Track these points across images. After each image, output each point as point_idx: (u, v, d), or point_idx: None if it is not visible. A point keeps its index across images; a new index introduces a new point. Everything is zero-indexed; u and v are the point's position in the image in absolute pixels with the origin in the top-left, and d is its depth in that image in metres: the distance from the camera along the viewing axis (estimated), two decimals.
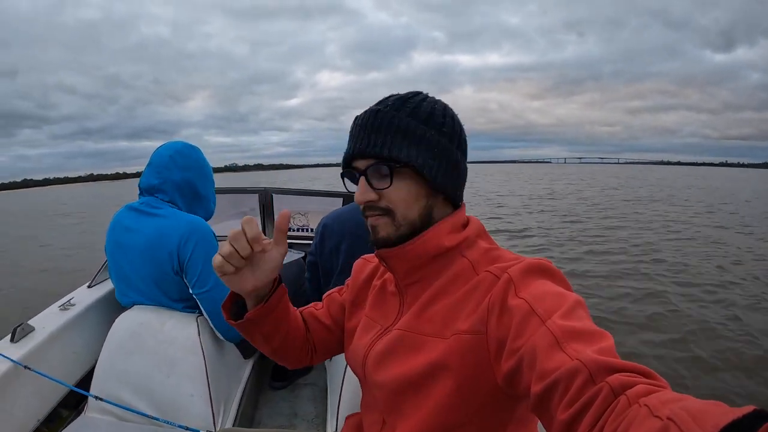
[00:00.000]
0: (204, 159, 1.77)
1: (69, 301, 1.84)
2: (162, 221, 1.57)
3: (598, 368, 0.50)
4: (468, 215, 0.87)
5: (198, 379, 1.50)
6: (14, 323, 1.55)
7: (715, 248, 9.01)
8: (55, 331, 1.63)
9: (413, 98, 0.80)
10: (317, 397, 2.31)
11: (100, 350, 1.57)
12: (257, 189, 3.11)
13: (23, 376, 1.40)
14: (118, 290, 1.69)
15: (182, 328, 1.56)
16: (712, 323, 4.75)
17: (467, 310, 0.74)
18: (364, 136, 0.78)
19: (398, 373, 0.79)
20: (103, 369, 1.52)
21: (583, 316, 0.62)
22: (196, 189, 1.72)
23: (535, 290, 0.67)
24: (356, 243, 1.72)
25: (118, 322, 1.57)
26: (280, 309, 0.89)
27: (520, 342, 0.62)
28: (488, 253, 0.80)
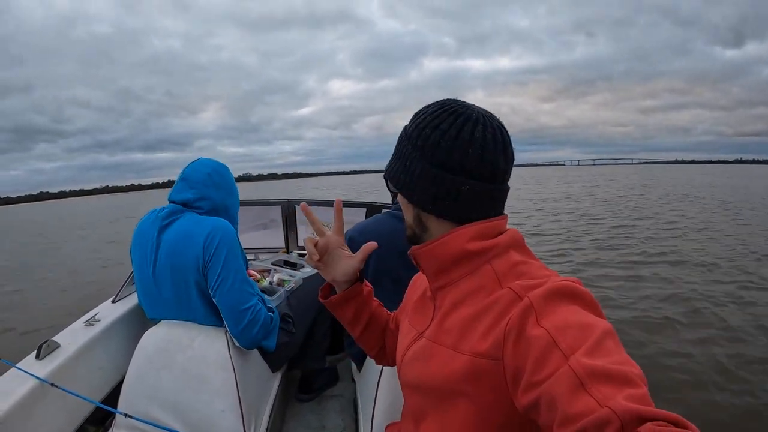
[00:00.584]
0: (233, 180, 1.80)
1: (94, 316, 1.81)
2: (188, 224, 1.58)
3: (630, 418, 0.48)
4: (509, 227, 0.84)
5: (229, 394, 1.46)
6: (40, 339, 1.52)
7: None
8: (81, 347, 1.60)
9: (426, 116, 0.82)
10: (345, 409, 2.27)
11: (126, 366, 1.54)
12: (280, 201, 3.11)
13: (50, 393, 1.37)
14: (145, 304, 1.66)
15: (212, 343, 1.53)
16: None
17: (484, 327, 0.72)
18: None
19: (420, 377, 0.82)
20: (131, 385, 1.49)
21: (612, 349, 0.58)
22: (228, 209, 1.73)
23: (559, 319, 0.63)
24: (383, 255, 1.65)
25: (146, 337, 1.54)
26: (358, 301, 1.05)
27: (539, 377, 0.59)
28: (517, 266, 0.77)
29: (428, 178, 0.80)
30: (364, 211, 3.04)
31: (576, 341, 0.58)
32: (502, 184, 0.82)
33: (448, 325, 0.79)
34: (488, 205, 0.81)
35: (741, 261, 7.45)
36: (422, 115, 0.82)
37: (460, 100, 0.84)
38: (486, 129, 0.79)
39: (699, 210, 15.23)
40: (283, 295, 2.13)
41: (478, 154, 0.78)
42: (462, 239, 0.80)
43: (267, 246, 3.16)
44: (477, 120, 0.79)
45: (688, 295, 5.62)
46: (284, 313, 2.00)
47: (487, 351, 0.69)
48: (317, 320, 2.24)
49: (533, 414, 0.61)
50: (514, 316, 0.66)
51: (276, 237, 3.17)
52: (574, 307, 0.65)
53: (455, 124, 0.78)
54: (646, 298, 5.55)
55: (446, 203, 0.80)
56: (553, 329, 0.61)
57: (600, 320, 0.63)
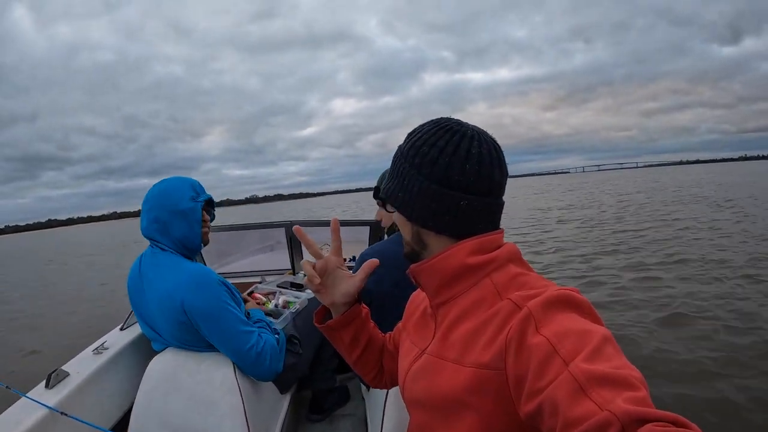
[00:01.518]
0: (171, 192, 1.68)
1: (102, 344, 1.82)
2: (165, 280, 1.57)
3: (629, 419, 0.48)
4: (506, 241, 0.85)
5: (237, 418, 1.47)
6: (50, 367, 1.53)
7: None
8: (90, 375, 1.61)
9: (422, 134, 0.83)
10: (356, 428, 2.25)
11: (135, 393, 1.55)
12: (283, 223, 3.13)
13: (60, 422, 1.38)
14: (149, 335, 1.69)
15: (218, 367, 1.54)
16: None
17: (485, 339, 0.73)
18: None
19: (424, 397, 0.82)
20: (140, 411, 1.50)
21: (612, 354, 0.59)
22: (167, 226, 1.65)
23: (558, 327, 0.63)
24: (405, 280, 1.62)
25: (154, 363, 1.55)
26: (356, 324, 1.04)
27: (541, 384, 0.60)
28: (516, 278, 0.78)
29: (427, 194, 0.81)
30: (368, 229, 3.05)
31: (575, 347, 0.59)
32: (497, 198, 0.84)
33: (452, 340, 0.80)
34: (486, 219, 0.83)
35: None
36: (418, 133, 0.84)
37: (454, 118, 0.86)
38: (482, 145, 0.81)
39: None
40: (288, 317, 2.14)
41: (475, 169, 0.79)
42: (462, 254, 0.81)
43: (273, 268, 3.17)
44: (472, 136, 0.81)
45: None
46: (290, 335, 2.00)
47: (490, 362, 0.70)
48: (325, 340, 2.23)
49: (537, 422, 0.61)
50: (514, 326, 0.67)
51: (282, 259, 3.18)
52: (573, 315, 0.66)
53: (452, 141, 0.80)
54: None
55: (446, 219, 0.81)
56: (552, 336, 0.62)
57: (599, 327, 0.64)
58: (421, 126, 0.86)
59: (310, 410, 2.34)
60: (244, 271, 3.11)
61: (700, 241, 9.37)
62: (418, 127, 0.86)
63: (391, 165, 0.89)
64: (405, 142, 0.86)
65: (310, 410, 2.34)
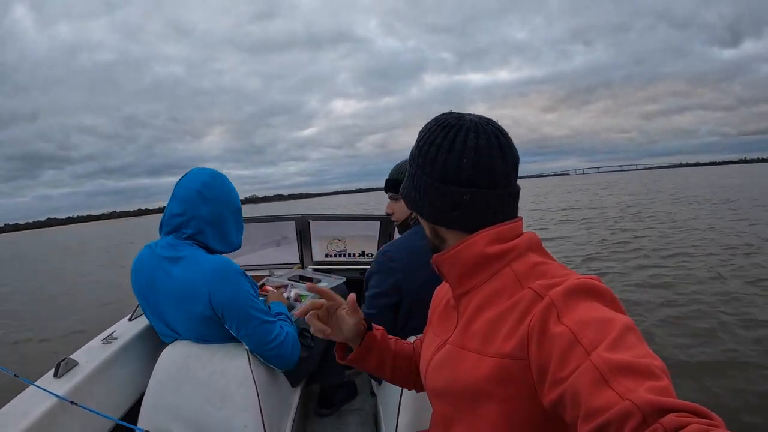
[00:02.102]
0: (231, 189, 1.70)
1: (111, 334, 1.78)
2: (187, 271, 1.50)
3: (651, 409, 0.49)
4: (526, 230, 0.86)
5: (251, 410, 1.43)
6: (57, 358, 1.50)
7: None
8: (99, 365, 1.57)
9: (424, 133, 0.86)
10: (365, 422, 2.23)
11: (145, 383, 1.51)
12: (294, 216, 3.09)
13: (69, 411, 1.34)
14: (159, 330, 1.64)
15: (232, 359, 1.50)
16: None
17: (507, 328, 0.72)
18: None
19: (446, 385, 0.82)
20: (152, 402, 1.46)
21: (633, 343, 0.59)
22: (223, 220, 1.64)
23: (580, 316, 0.63)
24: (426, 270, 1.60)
25: (166, 354, 1.51)
26: (376, 348, 1.05)
27: (563, 374, 0.60)
28: (536, 267, 0.78)
29: (431, 192, 0.83)
30: (378, 224, 3.02)
31: (597, 336, 0.59)
32: (505, 188, 0.83)
33: (473, 330, 0.80)
34: (498, 209, 0.83)
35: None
36: (422, 132, 0.86)
37: (455, 113, 0.86)
38: (479, 136, 0.80)
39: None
40: None
41: (472, 162, 0.79)
42: (480, 244, 0.81)
43: (281, 262, 3.14)
44: (468, 129, 0.81)
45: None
46: (302, 328, 1.97)
47: (512, 351, 0.69)
48: None
49: (560, 411, 0.61)
50: (536, 315, 0.67)
51: (290, 253, 3.15)
52: (595, 304, 0.66)
53: (447, 137, 0.81)
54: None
55: (453, 214, 0.82)
56: (574, 326, 0.62)
57: (621, 315, 0.64)
58: (426, 124, 0.87)
59: (318, 405, 2.31)
60: (252, 264, 3.08)
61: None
62: (424, 125, 0.88)
63: (408, 166, 0.91)
64: (415, 141, 0.88)
65: (318, 405, 2.31)
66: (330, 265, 3.12)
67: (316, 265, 3.13)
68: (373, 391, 2.39)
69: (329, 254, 3.18)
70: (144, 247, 1.64)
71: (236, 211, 1.70)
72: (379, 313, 1.64)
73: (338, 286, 2.48)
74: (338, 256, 3.18)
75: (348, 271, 2.92)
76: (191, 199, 1.57)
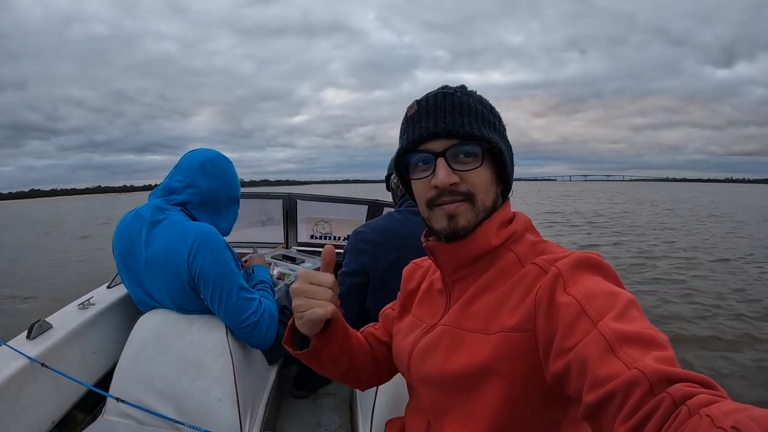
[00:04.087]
0: (234, 173, 1.68)
1: (88, 300, 1.75)
2: (168, 233, 1.47)
3: (658, 378, 0.48)
4: (514, 210, 0.84)
5: (226, 383, 1.41)
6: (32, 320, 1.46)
7: None
8: (74, 329, 1.54)
9: (469, 90, 0.80)
10: (340, 407, 2.22)
11: (119, 352, 1.48)
12: (281, 194, 3.05)
13: (40, 374, 1.32)
14: (136, 298, 1.60)
15: (210, 330, 1.48)
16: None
17: (512, 303, 0.71)
18: (442, 116, 0.74)
19: (441, 369, 0.77)
20: (125, 370, 1.44)
21: (637, 316, 0.59)
22: (218, 200, 1.62)
23: (586, 287, 0.63)
24: (407, 252, 1.61)
25: (142, 322, 1.49)
26: (339, 335, 0.88)
27: (569, 343, 0.59)
28: (535, 246, 0.78)
29: (508, 144, 0.83)
30: (366, 208, 3.00)
31: (604, 307, 0.59)
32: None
33: (473, 311, 0.77)
34: (510, 183, 0.84)
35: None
36: (475, 95, 0.83)
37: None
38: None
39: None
40: (283, 289, 2.09)
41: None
42: (490, 232, 0.78)
43: (265, 240, 3.11)
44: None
45: None
46: (283, 306, 1.95)
47: (518, 324, 0.68)
48: None
49: (564, 383, 0.60)
50: (544, 286, 0.66)
51: (275, 232, 3.12)
52: (598, 277, 0.66)
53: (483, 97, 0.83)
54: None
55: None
56: (580, 296, 0.61)
57: (624, 290, 0.64)
58: (449, 86, 0.82)
59: (294, 386, 2.30)
60: (236, 241, 3.04)
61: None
62: (460, 86, 0.81)
63: (466, 108, 0.77)
64: (472, 95, 0.80)
65: (294, 386, 2.30)
66: (314, 247, 3.09)
67: (300, 246, 3.11)
68: None
69: (314, 236, 3.16)
70: (129, 212, 1.61)
71: (233, 198, 1.69)
72: (348, 291, 1.66)
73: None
74: (323, 238, 3.16)
75: None
76: (193, 169, 1.58)
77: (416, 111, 0.77)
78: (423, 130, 0.75)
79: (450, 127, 0.73)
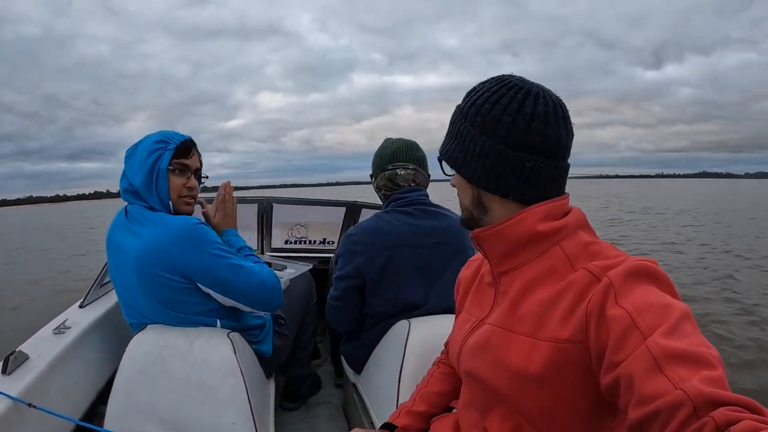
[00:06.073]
0: (138, 146, 1.45)
1: (63, 323, 1.57)
2: (146, 233, 1.35)
3: (703, 401, 0.48)
4: (572, 206, 0.82)
5: (240, 404, 1.29)
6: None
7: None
8: (54, 359, 1.36)
9: (483, 92, 0.79)
10: (334, 415, 2.14)
11: (103, 378, 1.33)
12: (256, 198, 2.93)
13: (25, 415, 1.14)
14: (126, 310, 1.46)
15: (214, 346, 1.34)
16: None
17: (562, 311, 0.70)
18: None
19: (489, 369, 0.78)
20: (120, 401, 1.28)
21: (689, 331, 0.58)
22: (138, 184, 1.42)
23: (638, 299, 0.62)
24: (403, 250, 1.59)
25: (136, 344, 1.33)
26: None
27: (618, 357, 0.59)
28: (588, 247, 0.75)
29: (491, 155, 0.77)
30: (344, 210, 2.94)
31: (655, 321, 0.58)
32: (563, 160, 0.80)
33: (522, 312, 0.76)
34: (553, 182, 0.79)
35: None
36: (479, 91, 0.80)
37: (516, 75, 0.80)
38: (547, 103, 0.77)
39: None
40: None
41: (541, 128, 0.75)
42: (532, 220, 0.77)
43: None
44: (538, 94, 0.77)
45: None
46: (277, 315, 1.84)
47: (570, 336, 0.67)
48: (303, 324, 2.11)
49: (614, 396, 0.60)
50: (595, 297, 0.65)
51: (249, 237, 2.97)
52: (652, 288, 0.65)
53: (516, 98, 0.76)
54: None
55: (511, 181, 0.77)
56: (632, 309, 0.60)
57: (678, 302, 0.62)
58: (481, 84, 0.81)
59: (284, 398, 2.19)
60: None
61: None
62: (478, 84, 0.81)
63: (450, 126, 0.85)
64: (465, 101, 0.82)
65: (284, 398, 2.19)
66: (289, 252, 2.98)
67: (274, 251, 2.98)
68: (337, 383, 2.35)
69: (289, 240, 3.07)
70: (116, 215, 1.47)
71: (140, 168, 1.46)
72: (343, 294, 1.66)
73: (304, 273, 2.37)
74: (298, 243, 3.07)
75: (308, 259, 2.79)
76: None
77: None
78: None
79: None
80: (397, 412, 1.08)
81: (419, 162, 1.70)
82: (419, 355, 1.35)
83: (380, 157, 1.71)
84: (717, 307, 5.57)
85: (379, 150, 1.74)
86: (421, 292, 1.58)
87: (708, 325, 4.81)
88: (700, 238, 11.52)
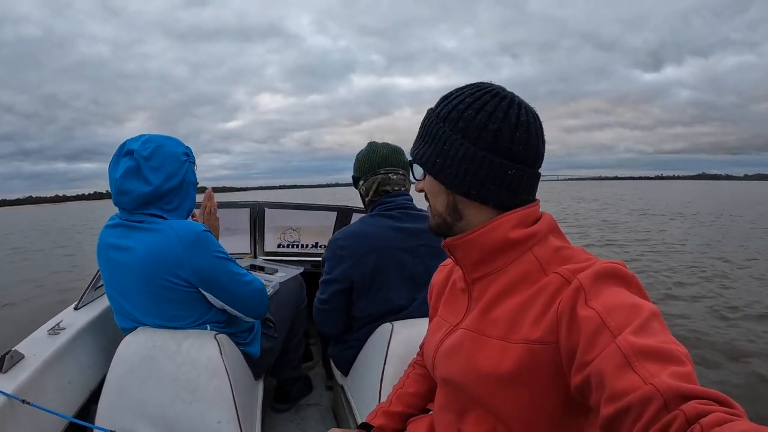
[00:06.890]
0: (159, 149, 1.48)
1: (58, 324, 1.63)
2: (152, 236, 1.41)
3: (672, 395, 0.49)
4: (542, 211, 0.83)
5: (225, 404, 1.34)
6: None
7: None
8: (48, 358, 1.42)
9: (465, 97, 0.79)
10: (324, 417, 2.17)
11: (96, 378, 1.39)
12: (248, 203, 2.96)
13: (19, 411, 1.20)
14: (117, 313, 1.51)
15: (201, 347, 1.40)
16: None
17: (534, 314, 0.71)
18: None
19: (463, 373, 0.79)
20: (111, 400, 1.33)
21: (658, 329, 0.59)
22: (168, 188, 1.47)
23: (607, 300, 0.63)
24: (386, 254, 1.63)
25: (126, 345, 1.38)
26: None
27: (589, 357, 0.60)
28: (559, 251, 0.77)
29: (475, 161, 0.77)
30: (335, 214, 2.97)
31: (624, 321, 0.59)
32: (538, 169, 0.82)
33: (495, 317, 0.77)
34: (528, 190, 0.81)
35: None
36: (459, 96, 0.79)
37: (495, 84, 0.82)
38: (528, 113, 0.78)
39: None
40: None
41: (524, 137, 0.77)
42: (505, 227, 0.78)
43: (232, 251, 3.00)
44: (520, 103, 0.78)
45: None
46: (266, 318, 1.89)
47: (541, 337, 0.68)
48: (293, 326, 2.15)
49: (585, 395, 0.62)
50: (565, 299, 0.66)
51: (242, 241, 3.01)
52: (621, 289, 0.66)
53: (501, 106, 0.77)
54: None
55: (491, 188, 0.78)
56: (602, 309, 0.62)
57: (647, 302, 0.64)
58: (459, 89, 0.81)
59: (275, 399, 2.23)
60: None
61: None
62: (457, 90, 0.81)
63: (424, 129, 0.83)
64: (443, 105, 0.81)
65: (275, 399, 2.23)
66: (281, 256, 3.02)
67: (267, 255, 3.02)
68: (328, 386, 2.38)
69: (282, 244, 3.10)
70: (109, 218, 1.52)
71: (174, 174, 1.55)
72: (330, 298, 1.69)
73: (295, 276, 2.41)
74: (291, 247, 3.11)
75: (301, 262, 2.83)
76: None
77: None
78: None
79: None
80: (374, 412, 1.11)
81: (406, 167, 1.73)
82: (401, 357, 1.38)
83: (369, 160, 1.74)
84: (707, 307, 5.65)
85: (366, 153, 1.76)
86: (407, 294, 1.62)
87: (683, 325, 4.75)
88: (692, 240, 11.63)
